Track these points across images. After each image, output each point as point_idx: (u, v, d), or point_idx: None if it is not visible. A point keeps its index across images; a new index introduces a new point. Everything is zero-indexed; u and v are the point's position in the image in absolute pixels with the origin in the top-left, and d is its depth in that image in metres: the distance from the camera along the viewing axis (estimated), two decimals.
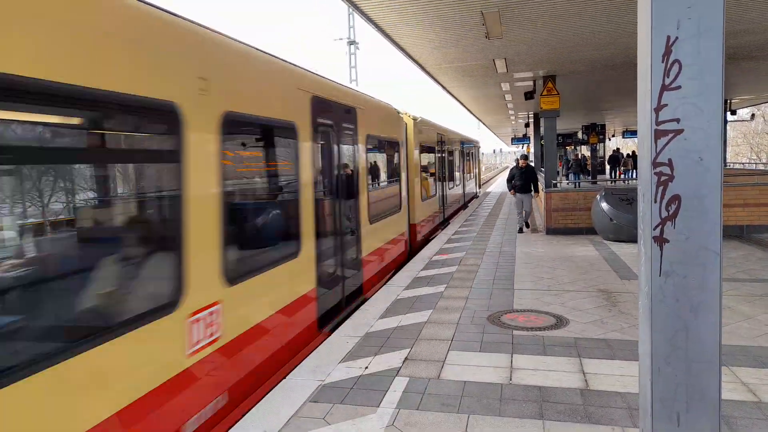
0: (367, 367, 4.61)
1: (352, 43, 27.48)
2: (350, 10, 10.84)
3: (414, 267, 8.87)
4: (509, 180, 13.35)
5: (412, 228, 11.25)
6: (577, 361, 4.65)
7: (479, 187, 30.55)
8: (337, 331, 5.66)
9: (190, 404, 3.42)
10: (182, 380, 3.32)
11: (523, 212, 12.99)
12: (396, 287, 7.49)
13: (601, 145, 35.58)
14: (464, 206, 21.21)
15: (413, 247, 11.28)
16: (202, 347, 3.54)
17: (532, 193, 13.15)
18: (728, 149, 39.10)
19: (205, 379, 3.57)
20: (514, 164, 15.21)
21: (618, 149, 38.22)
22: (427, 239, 12.63)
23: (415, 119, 11.72)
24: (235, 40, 4.30)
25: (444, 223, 15.51)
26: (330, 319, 6.06)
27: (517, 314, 6.06)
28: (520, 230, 12.84)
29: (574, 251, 10.04)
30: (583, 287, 7.25)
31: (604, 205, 11.13)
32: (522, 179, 13.00)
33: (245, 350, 4.12)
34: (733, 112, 24.31)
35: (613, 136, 48.81)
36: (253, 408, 3.93)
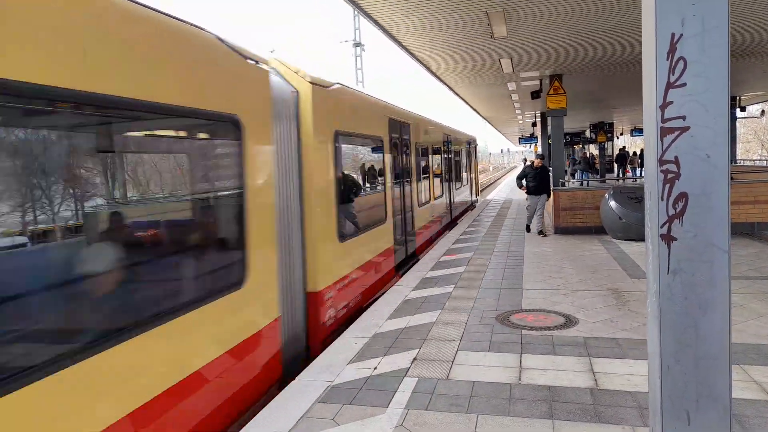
0: (375, 368, 4.62)
1: (357, 45, 27.54)
2: (355, 12, 10.62)
3: (422, 268, 8.87)
4: (520, 178, 12.61)
5: (310, 303, 5.64)
6: (587, 360, 4.64)
7: (477, 195, 24.25)
8: (345, 332, 5.67)
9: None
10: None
11: (535, 215, 12.33)
12: (404, 288, 7.49)
13: (610, 143, 35.39)
14: (451, 224, 15.48)
15: (315, 346, 5.61)
16: None
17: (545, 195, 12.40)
18: (738, 146, 38.75)
19: None
20: (523, 162, 15.18)
21: (624, 147, 38.01)
22: (360, 307, 6.96)
23: (318, 84, 5.84)
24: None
25: (408, 261, 9.78)
26: None
27: (526, 314, 6.05)
28: (528, 228, 12.45)
29: (583, 250, 10.00)
30: (592, 286, 7.22)
31: (613, 204, 11.07)
32: (536, 180, 12.17)
33: None
34: (743, 109, 24.09)
35: (621, 134, 48.52)
36: (263, 409, 3.95)
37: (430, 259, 9.58)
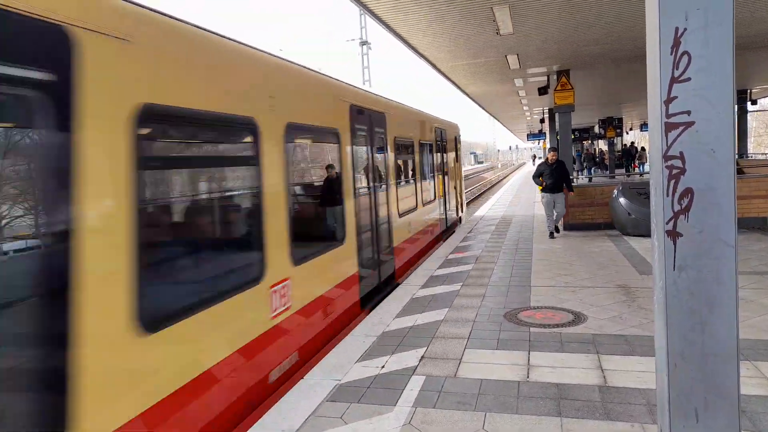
0: (383, 367, 4.63)
1: (364, 43, 27.55)
2: (361, 11, 10.53)
3: (430, 266, 8.86)
4: (536, 176, 11.47)
5: None
6: (596, 357, 4.61)
7: (461, 210, 16.11)
8: (353, 330, 5.69)
9: None
10: None
11: (554, 214, 11.30)
12: (412, 286, 7.49)
13: (619, 138, 35.12)
14: (389, 282, 8.08)
15: None
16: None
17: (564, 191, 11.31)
18: (750, 139, 38.27)
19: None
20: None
21: (633, 143, 37.72)
22: None
23: None
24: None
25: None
26: None
27: (534, 311, 6.03)
28: (551, 235, 11.26)
29: (591, 246, 9.94)
30: (600, 283, 7.18)
31: (622, 200, 11.00)
32: (553, 177, 11.10)
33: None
34: (754, 102, 23.80)
35: (631, 129, 48.16)
36: (272, 407, 3.97)
37: (437, 258, 9.57)
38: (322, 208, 6.26)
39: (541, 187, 11.43)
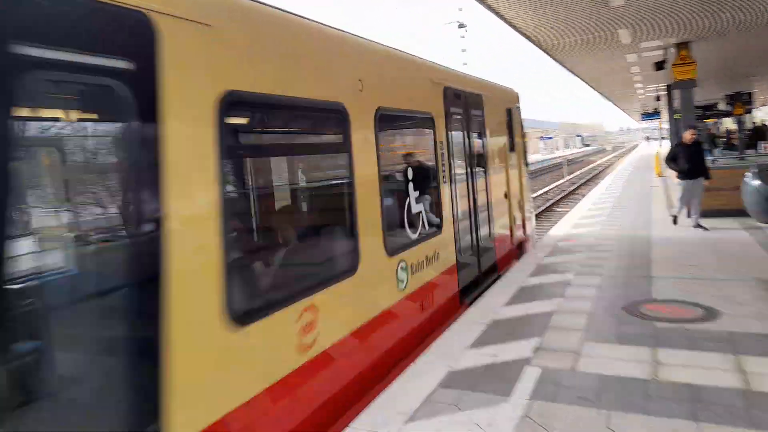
0: (496, 355, 4.53)
1: (462, 26, 27.05)
2: None
3: (538, 254, 8.55)
4: (671, 159, 10.06)
5: None
6: (733, 358, 4.18)
7: (526, 230, 9.61)
8: (462, 316, 5.63)
9: None
10: None
11: (692, 204, 9.87)
12: (521, 275, 7.27)
13: (748, 116, 31.46)
14: None
15: None
16: None
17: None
18: None
19: None
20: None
21: (763, 122, 33.53)
22: None
23: None
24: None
25: None
26: None
27: (658, 304, 5.59)
28: (675, 221, 10.22)
29: (722, 235, 9.01)
30: (735, 275, 6.48)
31: (758, 184, 9.82)
32: (691, 161, 9.60)
33: None
34: None
35: (764, 105, 42.90)
36: (384, 390, 4.05)
37: (546, 245, 9.20)
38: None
39: (677, 173, 9.95)
